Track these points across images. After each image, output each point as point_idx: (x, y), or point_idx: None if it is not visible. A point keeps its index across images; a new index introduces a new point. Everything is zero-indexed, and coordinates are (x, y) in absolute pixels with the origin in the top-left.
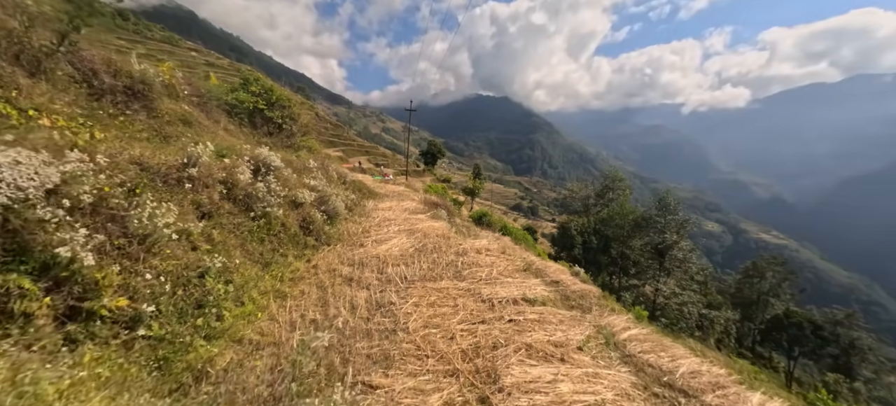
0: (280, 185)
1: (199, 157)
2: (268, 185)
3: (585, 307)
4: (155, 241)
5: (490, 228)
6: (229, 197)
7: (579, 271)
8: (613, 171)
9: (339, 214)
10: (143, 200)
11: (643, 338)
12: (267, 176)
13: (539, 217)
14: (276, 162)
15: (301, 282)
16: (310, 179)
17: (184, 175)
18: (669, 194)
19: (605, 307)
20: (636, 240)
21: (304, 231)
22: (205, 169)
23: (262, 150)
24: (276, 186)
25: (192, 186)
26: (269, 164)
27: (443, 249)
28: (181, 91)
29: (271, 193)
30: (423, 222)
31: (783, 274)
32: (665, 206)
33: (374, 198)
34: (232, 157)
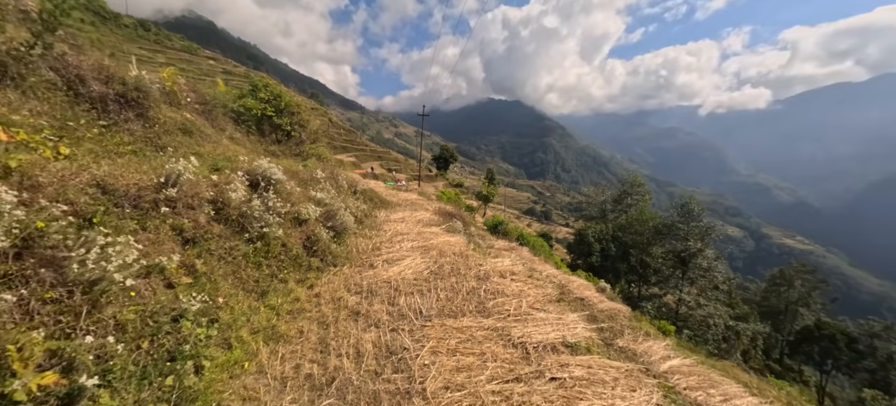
0: (281, 200)
1: (180, 174)
2: (266, 203)
3: (617, 330)
4: (105, 288)
5: (506, 237)
6: (220, 218)
7: (606, 287)
8: (632, 176)
9: (347, 229)
10: (93, 236)
11: (687, 370)
12: (266, 191)
13: (552, 221)
14: (278, 174)
15: (300, 316)
16: (316, 192)
17: (160, 197)
18: (692, 200)
19: (637, 330)
20: (657, 247)
21: (307, 251)
22: (188, 188)
23: (262, 161)
24: (276, 203)
25: (171, 209)
26: (270, 177)
27: (461, 272)
28: (183, 98)
29: (270, 211)
30: (438, 237)
31: (813, 282)
32: (687, 212)
33: (386, 207)
34: (224, 171)
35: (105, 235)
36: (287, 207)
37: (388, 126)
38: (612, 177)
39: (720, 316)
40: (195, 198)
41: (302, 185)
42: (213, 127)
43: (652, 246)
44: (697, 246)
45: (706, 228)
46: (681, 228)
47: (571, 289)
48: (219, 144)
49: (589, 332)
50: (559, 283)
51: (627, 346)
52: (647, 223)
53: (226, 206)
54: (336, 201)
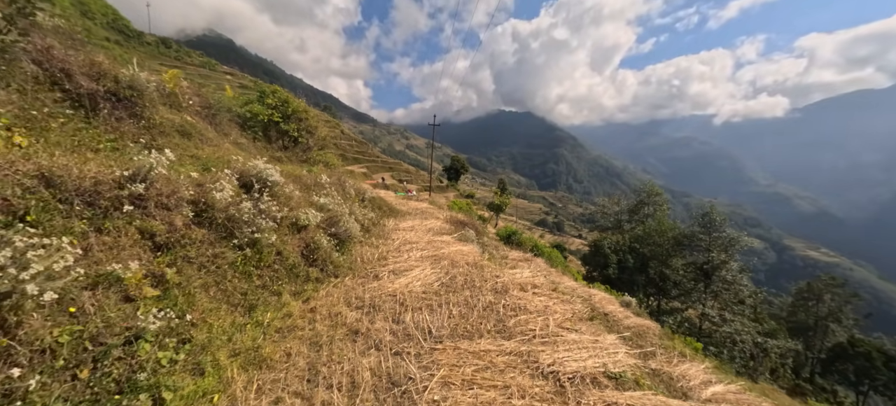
0: (278, 204)
1: (150, 168)
2: (259, 205)
3: (648, 350)
4: (17, 302)
5: (520, 248)
6: (202, 222)
7: (630, 301)
8: (648, 184)
9: (352, 237)
10: (9, 237)
11: (734, 398)
12: (260, 194)
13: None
14: (274, 176)
15: (291, 335)
16: (320, 197)
17: (123, 194)
18: (714, 209)
19: (671, 350)
20: (677, 259)
21: (306, 260)
22: (163, 185)
23: (257, 162)
24: (271, 206)
25: (140, 209)
26: (265, 178)
27: (476, 284)
28: (185, 101)
29: (264, 215)
30: (450, 246)
31: (844, 297)
32: (709, 222)
33: (395, 216)
34: (212, 170)
35: (31, 237)
36: (284, 212)
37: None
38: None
39: (748, 332)
40: (172, 197)
41: (304, 189)
42: (216, 131)
43: (672, 257)
44: (721, 258)
45: (730, 239)
46: (703, 239)
47: (594, 303)
48: (220, 148)
49: (633, 359)
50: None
51: (661, 368)
52: (667, 234)
53: (210, 207)
54: (340, 207)
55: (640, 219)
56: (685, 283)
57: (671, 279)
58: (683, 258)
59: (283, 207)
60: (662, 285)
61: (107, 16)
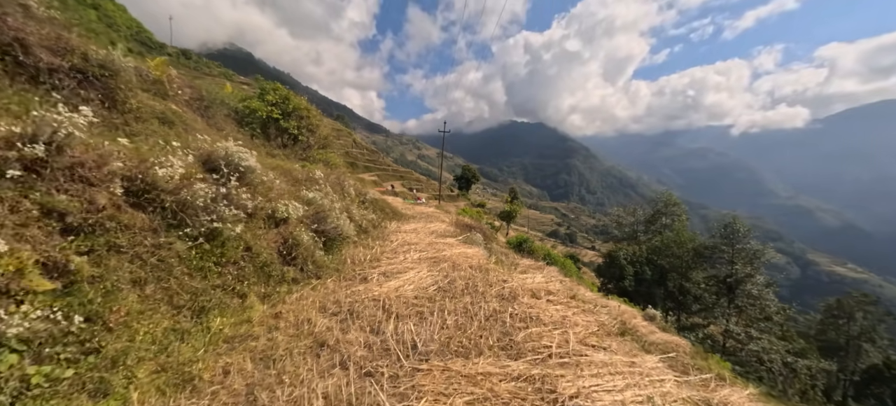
0: (252, 193)
1: (55, 128)
2: (224, 192)
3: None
4: None
5: (532, 256)
6: (142, 203)
7: (655, 315)
8: (666, 194)
9: (344, 236)
10: None
11: None
12: (228, 179)
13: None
14: (249, 161)
15: (241, 346)
16: (309, 191)
17: (10, 156)
18: (737, 220)
19: (705, 370)
20: (698, 271)
21: (283, 259)
22: (82, 152)
23: (227, 143)
24: (241, 194)
25: (41, 178)
26: (236, 163)
27: (479, 289)
28: (173, 90)
29: (229, 202)
30: (453, 248)
31: (877, 315)
32: (732, 233)
33: (398, 219)
34: (163, 148)
35: None
36: (258, 202)
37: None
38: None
39: (776, 351)
40: (95, 169)
41: (294, 183)
42: (208, 124)
43: (692, 270)
44: (746, 271)
45: (754, 251)
46: (725, 251)
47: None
48: None
49: (686, 391)
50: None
51: (697, 394)
52: (686, 245)
53: (152, 187)
54: (329, 203)
55: (657, 230)
56: (706, 297)
57: (691, 293)
58: (704, 271)
59: (258, 197)
60: (682, 299)
61: (131, 29)
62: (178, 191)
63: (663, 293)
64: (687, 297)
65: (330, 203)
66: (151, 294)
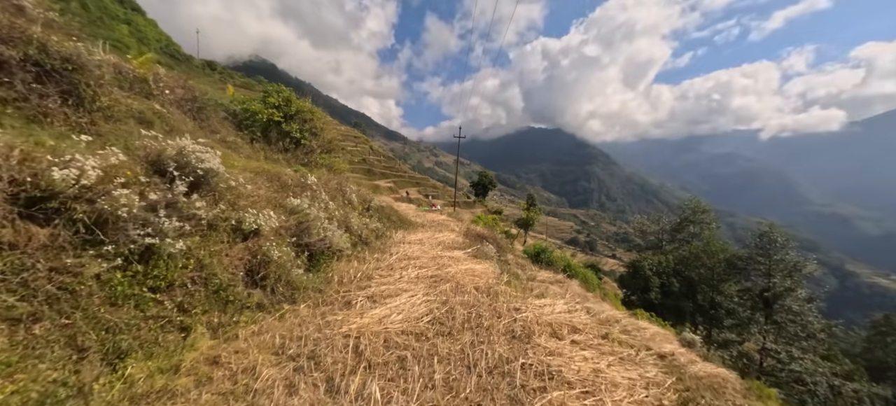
0: (214, 201)
1: None
2: (170, 199)
3: None
4: None
5: (550, 267)
6: (39, 214)
7: (693, 339)
8: (694, 201)
9: (334, 250)
10: None
11: None
12: (173, 185)
13: (598, 252)
14: (210, 163)
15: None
16: (295, 199)
17: None
18: (774, 228)
19: None
20: (731, 284)
21: (249, 279)
22: None
23: (183, 140)
24: (194, 203)
25: None
26: (191, 164)
27: (484, 323)
28: (159, 89)
29: (176, 212)
30: (459, 263)
31: None
32: (769, 242)
33: (406, 227)
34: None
35: None
36: (217, 210)
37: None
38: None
39: (821, 373)
40: None
41: (280, 189)
42: (200, 126)
43: (724, 282)
44: (785, 284)
45: (794, 263)
46: (761, 262)
47: (644, 338)
48: None
49: None
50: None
51: None
52: (717, 255)
53: (52, 195)
54: (316, 211)
55: (684, 239)
56: (740, 311)
57: (724, 307)
58: (738, 284)
59: (219, 206)
60: (714, 314)
61: (160, 42)
62: (96, 199)
63: (692, 307)
64: (719, 311)
65: (317, 212)
66: (42, 335)
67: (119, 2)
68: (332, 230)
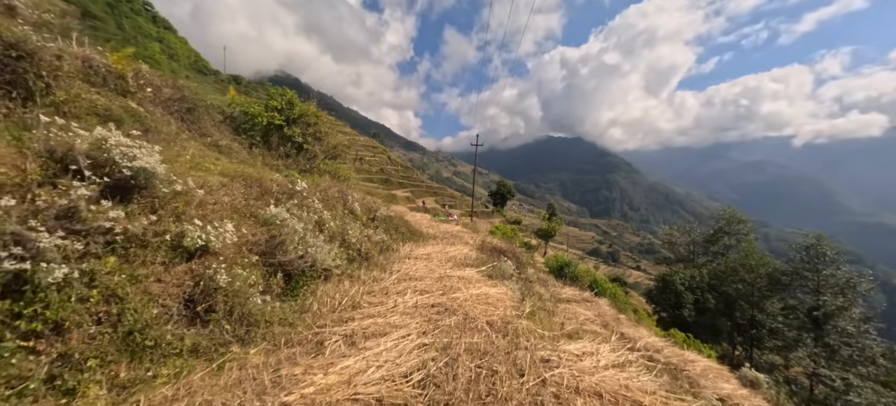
0: (150, 209)
1: None
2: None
3: None
4: None
5: (575, 283)
6: None
7: (758, 379)
8: (729, 210)
9: (321, 269)
10: None
11: None
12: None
13: (621, 263)
14: (143, 160)
15: None
16: (279, 207)
17: None
18: (823, 240)
19: None
20: (774, 301)
21: (189, 314)
22: None
23: (106, 131)
24: (108, 213)
25: None
26: (116, 161)
27: (500, 389)
28: (139, 87)
29: (76, 224)
30: (471, 286)
31: None
32: (817, 256)
33: (415, 240)
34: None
35: None
36: (145, 223)
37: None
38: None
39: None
40: None
41: (260, 196)
42: (188, 129)
43: (766, 299)
44: (837, 303)
45: (847, 280)
46: (809, 278)
47: (694, 375)
48: (173, 145)
49: None
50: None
51: None
52: (758, 269)
53: None
54: (294, 223)
55: (718, 251)
56: (785, 331)
57: (766, 326)
58: (782, 301)
59: (152, 216)
60: (755, 333)
61: (190, 58)
62: None
63: (730, 325)
64: (760, 330)
65: (296, 224)
66: None
67: (152, 21)
68: (316, 245)
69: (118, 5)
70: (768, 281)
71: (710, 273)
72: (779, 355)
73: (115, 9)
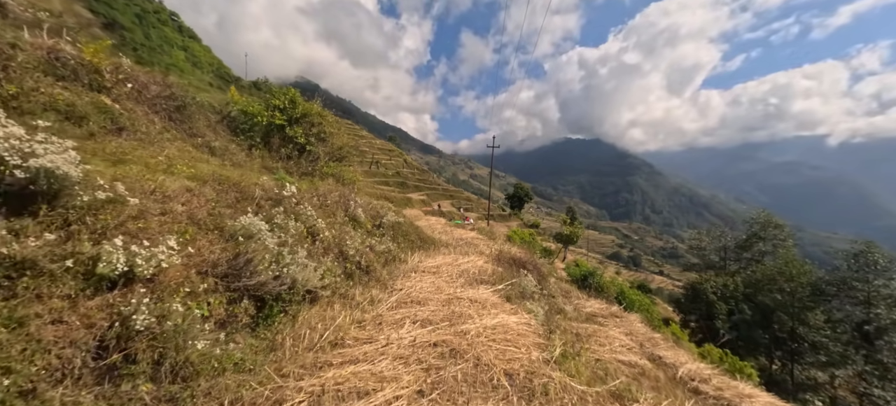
0: (54, 227)
1: None
2: None
3: None
4: None
5: (601, 295)
6: None
7: None
8: (764, 214)
9: (306, 291)
10: None
11: None
12: None
13: (643, 268)
14: (44, 160)
15: None
16: (254, 217)
17: None
18: (874, 247)
19: None
20: (817, 313)
21: (98, 367)
22: None
23: None
24: None
25: None
26: (4, 159)
27: None
28: (115, 81)
29: None
30: (484, 312)
31: None
32: (867, 265)
33: (425, 248)
34: None
35: None
36: (38, 243)
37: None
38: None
39: None
40: None
41: (236, 203)
42: (176, 128)
43: (808, 310)
44: (893, 317)
45: None
46: (859, 288)
47: None
48: (149, 143)
49: None
50: None
51: None
52: (799, 278)
53: None
54: (270, 237)
55: (752, 258)
56: (830, 346)
57: (808, 339)
58: (826, 312)
59: (56, 232)
60: (797, 348)
61: (213, 66)
62: None
63: (769, 338)
64: (801, 344)
65: (269, 241)
66: None
67: (178, 31)
68: (296, 262)
69: (146, 16)
70: (811, 291)
71: (744, 281)
72: (823, 371)
73: (143, 20)
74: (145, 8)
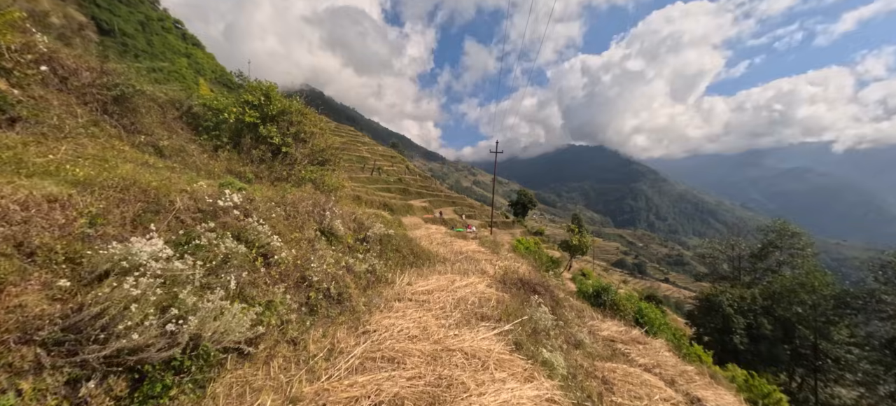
0: None
1: None
2: None
3: None
4: None
5: (617, 313)
6: None
7: None
8: (779, 223)
9: (220, 351)
10: None
11: None
12: None
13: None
14: None
15: None
16: (156, 240)
17: None
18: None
19: None
20: (842, 328)
21: None
22: None
23: None
24: None
25: None
26: None
27: None
28: (17, 63)
29: None
30: (485, 382)
31: None
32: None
33: (418, 264)
34: None
35: None
36: None
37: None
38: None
39: None
40: None
41: (138, 215)
42: (115, 125)
43: (833, 325)
44: None
45: None
46: (889, 303)
47: None
48: (56, 140)
49: None
50: None
51: None
52: (821, 291)
53: None
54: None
55: (769, 268)
56: (856, 363)
57: (831, 356)
58: (849, 328)
59: None
60: (820, 364)
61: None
62: None
63: (790, 354)
64: (826, 360)
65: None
66: None
67: (182, 38)
68: (200, 308)
69: (150, 24)
70: (834, 304)
71: (762, 293)
72: (849, 390)
73: (147, 27)
74: (149, 15)
